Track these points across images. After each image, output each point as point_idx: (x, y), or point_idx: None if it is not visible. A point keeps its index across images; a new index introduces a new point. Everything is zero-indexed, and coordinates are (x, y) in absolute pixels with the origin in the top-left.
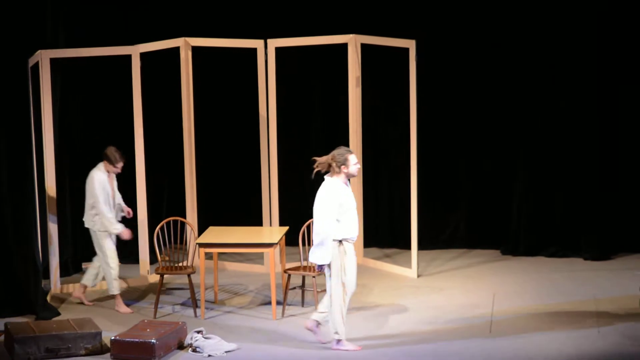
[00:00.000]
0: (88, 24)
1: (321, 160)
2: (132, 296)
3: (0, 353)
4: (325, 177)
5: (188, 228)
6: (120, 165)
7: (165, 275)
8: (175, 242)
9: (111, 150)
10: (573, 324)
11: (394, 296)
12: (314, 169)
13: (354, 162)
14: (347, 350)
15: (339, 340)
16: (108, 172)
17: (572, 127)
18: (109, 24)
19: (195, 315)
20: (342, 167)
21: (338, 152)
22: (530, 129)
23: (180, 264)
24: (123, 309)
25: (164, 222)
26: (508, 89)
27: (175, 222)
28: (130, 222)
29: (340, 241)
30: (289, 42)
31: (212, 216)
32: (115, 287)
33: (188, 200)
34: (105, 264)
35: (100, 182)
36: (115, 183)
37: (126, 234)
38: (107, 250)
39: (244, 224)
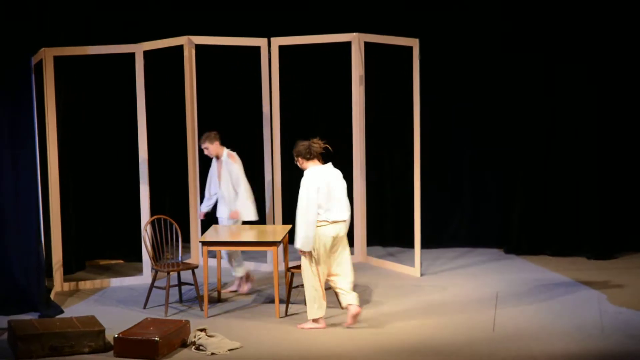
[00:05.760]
0: (92, 21)
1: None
2: (133, 294)
3: (3, 351)
4: (330, 165)
5: (175, 226)
6: (201, 146)
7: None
8: (165, 240)
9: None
10: (577, 322)
11: (397, 295)
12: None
13: None
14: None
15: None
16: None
17: (575, 125)
18: (113, 21)
19: (201, 308)
20: None
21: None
22: (533, 126)
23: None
24: (242, 288)
25: (148, 220)
26: (511, 86)
27: (162, 220)
28: (133, 221)
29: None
30: (293, 40)
31: (215, 214)
32: (237, 269)
33: (191, 198)
34: None
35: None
36: (223, 169)
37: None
38: None
39: (247, 222)
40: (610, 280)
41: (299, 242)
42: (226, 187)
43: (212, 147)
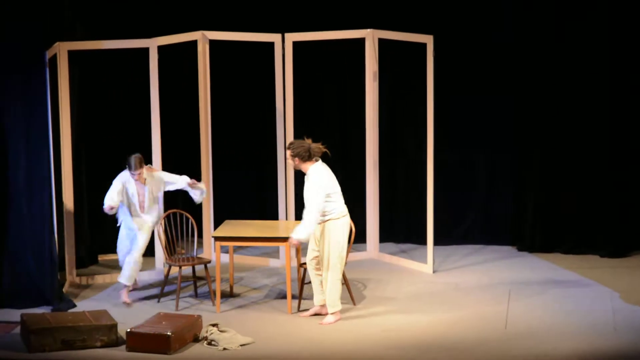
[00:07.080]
0: (106, 16)
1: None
2: (145, 288)
3: (16, 344)
4: (319, 162)
5: (191, 220)
6: (135, 172)
7: (171, 268)
8: (180, 234)
9: (131, 157)
10: (589, 321)
11: (409, 291)
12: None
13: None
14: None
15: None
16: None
17: (588, 123)
18: (127, 16)
19: (213, 304)
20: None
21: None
22: (546, 124)
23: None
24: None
25: (164, 215)
26: (524, 83)
27: (177, 214)
28: None
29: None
30: (307, 36)
31: (228, 209)
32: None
33: None
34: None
35: (121, 182)
36: (146, 189)
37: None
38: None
39: (260, 217)
40: (623, 278)
41: (303, 235)
42: (151, 202)
43: (143, 170)
